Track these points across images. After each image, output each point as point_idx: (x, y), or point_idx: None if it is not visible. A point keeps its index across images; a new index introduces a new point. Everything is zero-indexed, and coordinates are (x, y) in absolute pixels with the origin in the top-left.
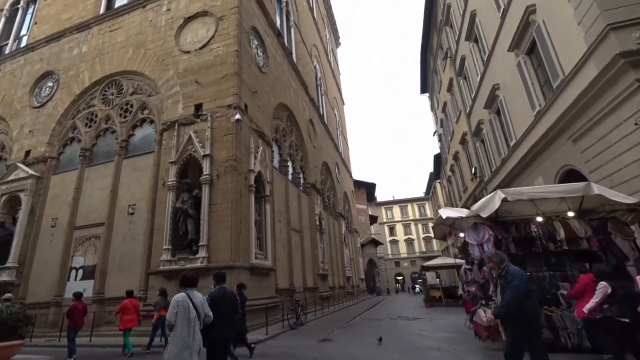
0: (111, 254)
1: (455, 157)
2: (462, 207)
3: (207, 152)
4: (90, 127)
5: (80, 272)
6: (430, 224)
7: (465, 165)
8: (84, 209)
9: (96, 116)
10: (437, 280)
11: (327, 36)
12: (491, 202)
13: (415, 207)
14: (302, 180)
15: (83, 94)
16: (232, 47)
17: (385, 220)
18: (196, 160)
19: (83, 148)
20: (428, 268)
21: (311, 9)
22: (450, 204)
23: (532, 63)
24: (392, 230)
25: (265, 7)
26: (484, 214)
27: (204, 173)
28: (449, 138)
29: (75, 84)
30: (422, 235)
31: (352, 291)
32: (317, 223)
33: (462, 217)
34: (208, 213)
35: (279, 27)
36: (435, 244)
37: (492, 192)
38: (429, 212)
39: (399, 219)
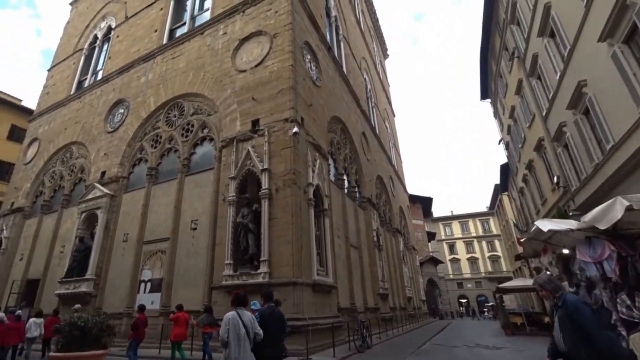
0: (176, 267)
1: (529, 166)
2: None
3: (266, 166)
4: (155, 147)
5: (149, 285)
6: (497, 241)
7: (543, 175)
8: (151, 224)
9: (161, 137)
10: (517, 304)
11: (375, 48)
12: (611, 211)
13: (478, 222)
14: (357, 195)
15: (149, 118)
16: (287, 62)
17: (443, 237)
18: (255, 175)
19: (150, 167)
20: (505, 290)
21: (358, 22)
22: (524, 218)
23: (632, 52)
24: (452, 248)
25: (316, 23)
26: (602, 226)
27: (263, 187)
28: (520, 145)
29: (143, 108)
30: (487, 254)
31: (414, 313)
32: (375, 239)
33: (570, 230)
34: (268, 227)
35: (329, 41)
36: (504, 264)
37: (581, 203)
38: (494, 228)
39: (460, 235)
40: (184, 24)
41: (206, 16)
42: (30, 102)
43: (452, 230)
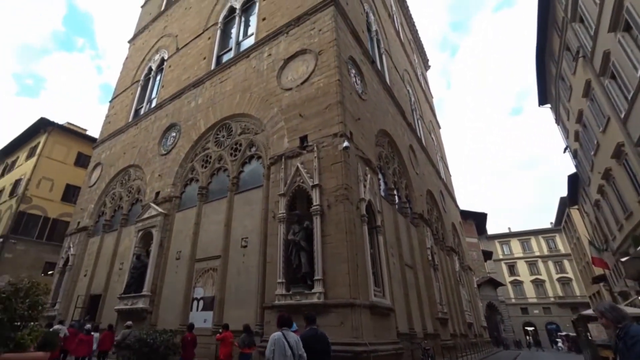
0: (227, 286)
1: (607, 175)
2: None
3: (316, 182)
4: (205, 167)
5: (201, 302)
6: (567, 261)
7: (626, 185)
8: (202, 242)
9: (210, 157)
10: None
11: (416, 60)
12: None
13: (542, 240)
14: (409, 210)
15: (199, 139)
16: (334, 78)
17: (501, 256)
18: (304, 192)
19: (200, 187)
20: (588, 318)
21: (398, 35)
22: (601, 235)
23: None
24: (512, 269)
25: (359, 37)
26: None
27: (314, 204)
28: (592, 153)
29: (193, 131)
30: (555, 276)
31: (476, 341)
32: (430, 258)
33: None
34: (321, 245)
35: (372, 55)
36: (577, 287)
37: None
38: (561, 247)
39: (521, 255)
40: (230, 49)
41: (251, 41)
42: (93, 131)
43: (511, 249)
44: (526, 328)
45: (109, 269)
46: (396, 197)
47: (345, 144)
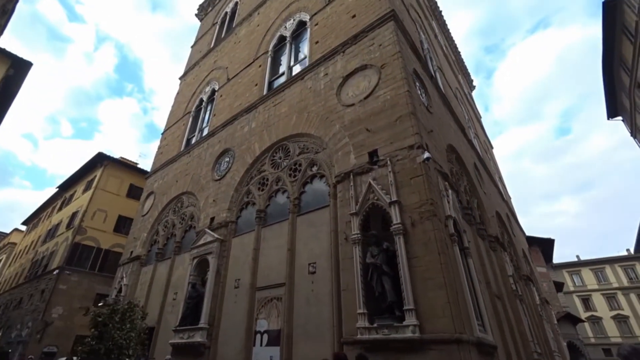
0: (295, 317)
1: None
2: None
3: (394, 198)
4: (262, 190)
5: (265, 336)
6: None
7: None
8: (262, 269)
9: (267, 180)
10: None
11: (462, 80)
12: None
13: (619, 269)
14: (484, 233)
15: (254, 163)
16: (402, 89)
17: (572, 288)
18: (379, 210)
19: (258, 210)
20: None
21: (445, 55)
22: None
23: None
24: (586, 303)
25: (418, 52)
26: None
27: (394, 222)
28: None
29: (248, 154)
30: None
31: None
32: (514, 287)
33: None
34: (408, 269)
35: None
36: None
37: None
38: None
39: (596, 286)
40: (282, 74)
41: (303, 64)
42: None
43: (583, 280)
44: None
45: (163, 299)
46: (471, 217)
47: (427, 154)
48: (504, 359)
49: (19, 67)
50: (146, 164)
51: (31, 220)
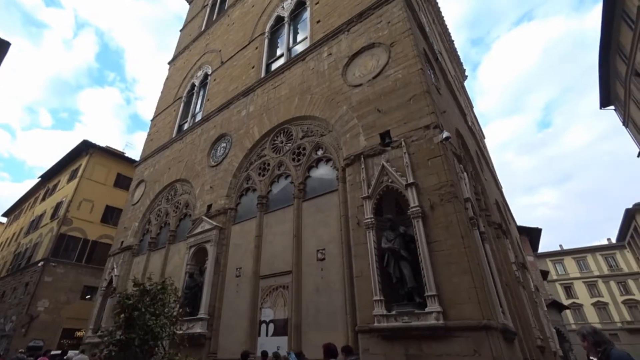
0: (304, 306)
1: None
2: None
3: (411, 180)
4: (263, 175)
5: (271, 326)
6: (632, 282)
7: None
8: (266, 256)
9: (268, 165)
10: None
11: (455, 69)
12: None
13: (600, 258)
14: (490, 219)
15: (254, 147)
16: (415, 67)
17: (555, 276)
18: (393, 192)
19: (260, 196)
20: None
21: (442, 41)
22: None
23: None
24: (568, 291)
25: (425, 32)
26: None
27: (412, 205)
28: None
29: (246, 139)
30: (620, 298)
31: None
32: (516, 275)
33: None
34: (429, 253)
35: None
36: None
37: None
38: (623, 265)
39: (577, 275)
40: (281, 55)
41: (304, 45)
42: (129, 155)
43: (566, 269)
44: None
45: None
46: (481, 203)
47: (446, 134)
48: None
49: None
50: (133, 154)
51: (12, 212)
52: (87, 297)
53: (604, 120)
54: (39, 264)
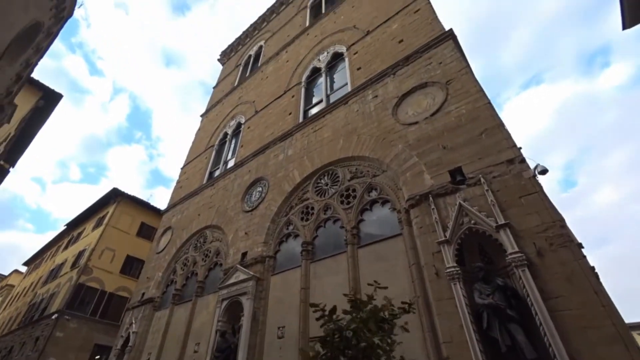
0: None
1: None
2: None
3: (501, 220)
4: (307, 220)
5: None
6: None
7: None
8: (317, 313)
9: (312, 208)
10: None
11: None
12: None
13: None
14: None
15: (294, 190)
16: (480, 102)
17: None
18: (475, 237)
19: (304, 242)
20: None
21: None
22: None
23: None
24: None
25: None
26: None
27: (510, 250)
28: None
29: (286, 182)
30: None
31: None
32: None
33: None
34: (548, 313)
35: None
36: None
37: None
38: None
39: None
40: (319, 102)
41: (343, 91)
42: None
43: None
44: None
45: (180, 351)
46: None
47: (541, 167)
48: None
49: (49, 99)
50: (155, 204)
51: (33, 261)
52: (97, 357)
53: (634, 179)
54: (53, 317)
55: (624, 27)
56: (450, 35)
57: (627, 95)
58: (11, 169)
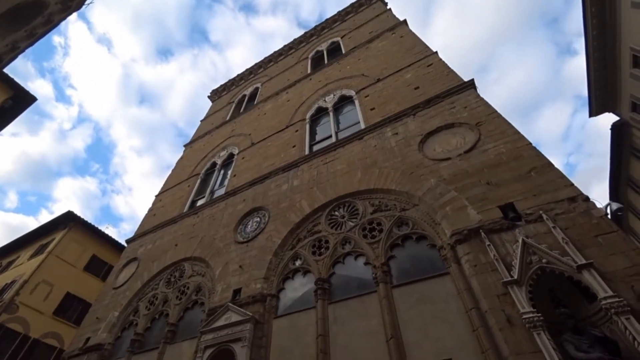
0: None
1: None
2: None
3: (582, 260)
4: (320, 254)
5: None
6: None
7: None
8: None
9: (326, 242)
10: None
11: None
12: None
13: None
14: None
15: (303, 222)
16: (521, 142)
17: None
18: (549, 276)
19: (320, 279)
20: None
21: None
22: None
23: None
24: None
25: None
26: None
27: (603, 295)
28: None
29: (292, 212)
30: None
31: None
32: None
33: None
34: None
35: None
36: None
37: None
38: None
39: None
40: (328, 137)
41: (353, 129)
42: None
43: None
44: None
45: None
46: None
47: (615, 205)
48: None
49: (19, 101)
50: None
51: None
52: None
53: None
54: None
55: (591, 115)
56: (472, 84)
57: None
58: None
